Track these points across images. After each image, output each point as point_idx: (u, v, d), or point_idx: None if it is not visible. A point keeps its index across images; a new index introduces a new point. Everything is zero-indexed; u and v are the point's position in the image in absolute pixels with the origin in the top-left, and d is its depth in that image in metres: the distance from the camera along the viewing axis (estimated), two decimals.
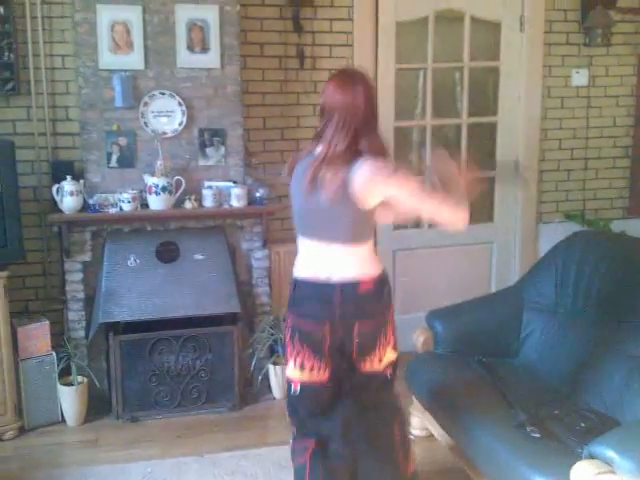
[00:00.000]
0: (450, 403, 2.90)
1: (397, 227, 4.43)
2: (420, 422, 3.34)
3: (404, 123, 4.39)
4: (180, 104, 3.68)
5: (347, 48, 4.14)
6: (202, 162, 3.76)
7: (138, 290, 3.58)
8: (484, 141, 4.56)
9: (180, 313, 3.61)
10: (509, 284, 3.74)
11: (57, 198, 3.51)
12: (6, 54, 3.59)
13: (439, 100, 4.38)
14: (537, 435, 2.47)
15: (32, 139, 3.70)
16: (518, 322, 3.35)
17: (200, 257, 3.71)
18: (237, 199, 3.69)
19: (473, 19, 4.30)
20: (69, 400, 3.55)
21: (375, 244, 2.48)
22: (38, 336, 3.51)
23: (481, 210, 4.62)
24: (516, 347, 3.31)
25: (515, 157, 4.51)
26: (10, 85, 3.62)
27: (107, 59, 3.57)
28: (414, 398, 3.31)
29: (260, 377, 3.83)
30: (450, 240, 4.49)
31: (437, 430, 3.09)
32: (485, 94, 4.52)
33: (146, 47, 3.61)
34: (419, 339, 3.36)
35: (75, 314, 3.66)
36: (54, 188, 3.51)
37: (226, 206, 3.71)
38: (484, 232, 4.61)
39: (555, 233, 4.01)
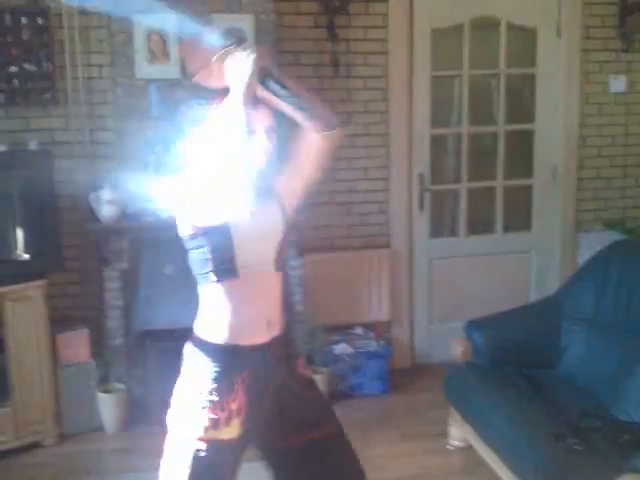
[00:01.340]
0: (490, 414, 2.93)
1: (434, 235, 4.49)
2: (459, 433, 3.37)
3: (440, 131, 4.45)
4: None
5: (382, 56, 4.21)
6: None
7: (175, 298, 3.66)
8: (521, 149, 4.58)
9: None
10: (548, 294, 3.77)
11: (95, 207, 3.62)
12: (44, 64, 3.73)
13: (475, 107, 4.43)
14: (579, 447, 2.49)
15: (70, 148, 3.83)
16: (558, 332, 3.37)
17: None
18: None
19: (509, 25, 4.35)
20: (108, 407, 3.65)
21: None
22: (77, 344, 3.63)
23: (519, 219, 4.66)
24: (556, 358, 3.34)
25: (553, 164, 4.54)
26: (48, 95, 3.75)
27: (143, 69, 3.69)
28: (453, 409, 3.34)
29: None
30: (488, 249, 4.56)
31: (476, 441, 3.13)
32: (522, 101, 4.56)
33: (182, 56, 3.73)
34: (458, 349, 3.40)
35: (113, 322, 3.75)
36: (92, 197, 3.62)
37: None
38: (522, 241, 4.64)
39: (595, 242, 4.03)
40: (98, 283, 3.83)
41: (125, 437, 3.63)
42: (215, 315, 2.00)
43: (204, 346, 2.01)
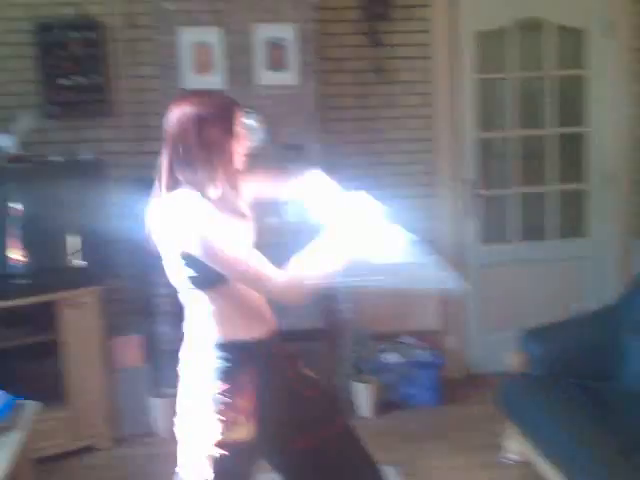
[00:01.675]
0: (549, 428, 2.88)
1: (484, 241, 4.48)
2: (515, 446, 3.32)
3: (488, 134, 4.47)
4: (260, 121, 3.88)
5: (425, 60, 4.27)
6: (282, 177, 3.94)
7: None
8: (571, 152, 4.55)
9: None
10: (603, 302, 3.67)
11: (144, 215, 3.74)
12: (95, 77, 3.91)
13: (523, 110, 4.43)
14: None
15: (120, 158, 3.98)
16: (619, 343, 3.28)
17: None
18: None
19: (556, 26, 4.35)
20: (160, 412, 3.73)
21: None
22: (130, 349, 3.75)
23: (572, 224, 4.61)
24: (617, 370, 3.24)
25: (606, 168, 4.50)
26: (99, 106, 3.94)
27: (189, 80, 3.81)
28: (508, 421, 3.30)
29: (345, 395, 3.93)
30: (540, 255, 4.53)
31: (534, 455, 3.07)
32: (571, 103, 4.52)
33: (226, 67, 3.84)
34: (513, 360, 3.36)
35: (165, 327, 3.84)
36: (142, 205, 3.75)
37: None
38: (577, 248, 4.59)
39: None
40: (149, 289, 3.95)
41: (176, 442, 3.69)
42: (217, 314, 2.02)
43: (207, 347, 2.02)
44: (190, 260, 1.92)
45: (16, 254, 3.45)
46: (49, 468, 3.36)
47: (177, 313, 3.79)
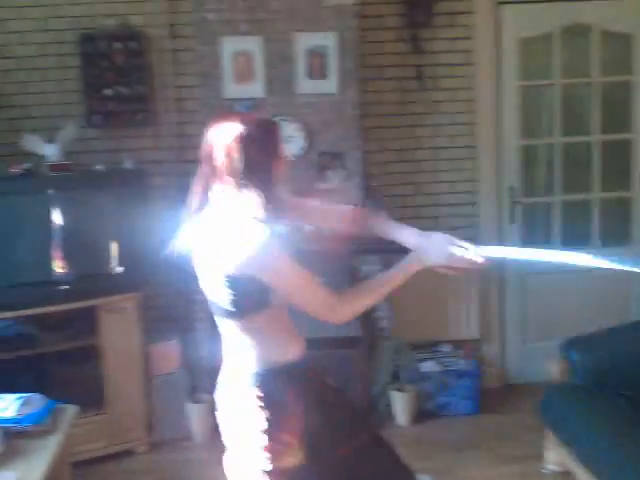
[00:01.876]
0: (592, 439, 2.86)
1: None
2: (556, 457, 3.30)
3: (531, 141, 4.42)
4: (300, 129, 3.91)
5: (468, 67, 4.25)
6: (321, 185, 3.97)
7: None
8: (618, 159, 4.47)
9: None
10: None
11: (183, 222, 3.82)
12: (137, 87, 4.00)
13: (568, 117, 4.37)
14: None
15: (161, 166, 4.07)
16: None
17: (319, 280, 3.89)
18: None
19: (602, 32, 4.28)
20: (196, 417, 3.81)
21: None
22: (168, 354, 3.83)
23: (617, 232, 4.54)
24: None
25: None
26: (141, 116, 4.02)
27: (230, 89, 3.87)
28: (549, 431, 3.28)
29: (382, 403, 3.95)
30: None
31: (576, 466, 3.04)
32: (618, 110, 4.45)
33: (267, 75, 3.88)
34: (554, 369, 3.34)
35: (202, 333, 3.92)
36: (181, 213, 3.82)
37: None
38: (621, 255, 4.50)
39: None
40: (186, 296, 4.02)
41: (214, 447, 3.76)
42: (257, 340, 2.02)
43: (248, 376, 2.01)
44: (237, 282, 1.91)
45: (58, 261, 3.56)
46: (86, 472, 3.44)
47: (213, 320, 3.89)
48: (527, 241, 4.44)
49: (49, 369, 3.71)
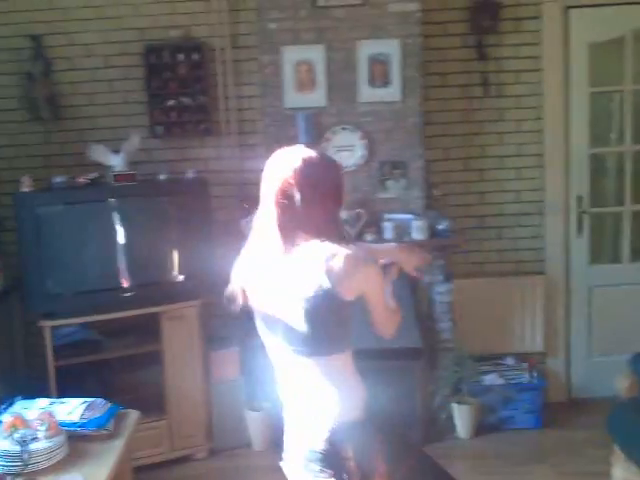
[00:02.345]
0: None
1: (594, 261, 4.39)
2: (623, 474, 3.22)
3: (600, 150, 4.37)
4: (361, 138, 3.95)
5: (535, 73, 4.22)
6: (382, 194, 4.00)
7: None
8: None
9: (360, 346, 3.81)
10: None
11: (245, 232, 3.90)
12: (199, 97, 4.10)
13: (638, 125, 4.31)
14: None
15: (222, 176, 4.16)
16: None
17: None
18: (418, 231, 3.86)
19: None
20: (255, 425, 3.89)
21: None
22: (228, 361, 3.92)
23: None
24: None
25: None
26: (203, 126, 4.13)
27: (291, 98, 3.93)
28: (616, 448, 3.23)
29: (443, 416, 3.96)
30: None
31: None
32: None
33: (328, 84, 3.93)
34: (623, 384, 3.31)
35: (261, 341, 3.99)
36: (243, 222, 3.91)
37: (406, 239, 3.88)
38: None
39: None
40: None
41: (271, 455, 3.80)
42: (334, 387, 1.96)
43: (322, 430, 1.94)
44: (318, 306, 1.88)
45: (122, 269, 3.69)
46: (146, 477, 3.53)
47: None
48: (594, 252, 4.39)
49: (113, 374, 3.85)
